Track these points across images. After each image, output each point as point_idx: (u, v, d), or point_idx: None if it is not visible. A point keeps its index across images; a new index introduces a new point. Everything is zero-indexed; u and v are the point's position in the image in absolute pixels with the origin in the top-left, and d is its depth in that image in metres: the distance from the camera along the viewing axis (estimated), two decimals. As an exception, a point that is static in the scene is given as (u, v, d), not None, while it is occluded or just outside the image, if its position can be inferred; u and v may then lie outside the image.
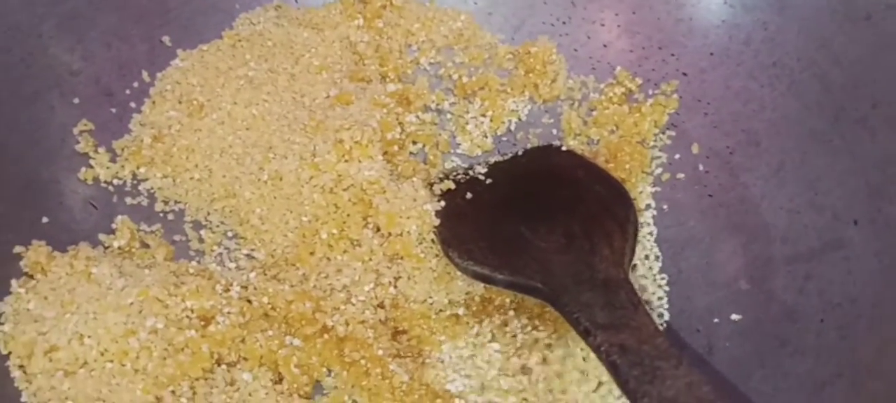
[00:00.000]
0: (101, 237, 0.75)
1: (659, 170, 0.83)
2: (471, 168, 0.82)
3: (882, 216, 0.70)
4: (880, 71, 0.74)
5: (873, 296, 0.68)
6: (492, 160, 0.83)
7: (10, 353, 0.65)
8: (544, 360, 0.71)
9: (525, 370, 0.71)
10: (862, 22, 0.75)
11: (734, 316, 0.73)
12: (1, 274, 0.69)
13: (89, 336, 0.65)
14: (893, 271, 0.68)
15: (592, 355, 0.69)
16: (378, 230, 0.75)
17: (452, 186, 0.78)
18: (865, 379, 0.65)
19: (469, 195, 0.78)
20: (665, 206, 0.81)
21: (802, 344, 0.69)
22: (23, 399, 0.64)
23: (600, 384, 0.70)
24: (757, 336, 0.72)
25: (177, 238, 0.78)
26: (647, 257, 0.78)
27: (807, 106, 0.78)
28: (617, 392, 0.69)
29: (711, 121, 0.83)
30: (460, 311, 0.74)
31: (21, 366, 0.65)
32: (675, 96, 0.85)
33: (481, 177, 0.80)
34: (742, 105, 0.82)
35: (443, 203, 0.76)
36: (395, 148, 0.81)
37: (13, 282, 0.69)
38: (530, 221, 0.74)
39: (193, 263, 0.76)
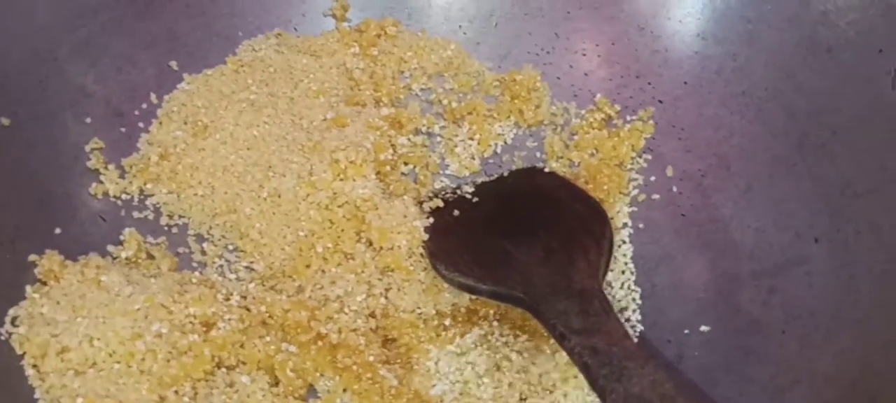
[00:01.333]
0: (110, 248, 0.77)
1: (635, 192, 0.85)
2: (458, 187, 0.84)
3: (841, 235, 0.73)
4: (840, 101, 0.77)
5: (831, 309, 0.71)
6: (479, 181, 0.86)
7: (25, 353, 0.67)
8: (524, 368, 0.73)
9: (506, 376, 0.73)
10: (824, 55, 0.78)
11: (703, 328, 0.75)
12: (17, 280, 0.70)
13: (99, 339, 0.66)
14: (850, 286, 0.70)
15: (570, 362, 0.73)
16: (370, 244, 0.77)
17: (441, 204, 0.80)
18: (822, 386, 0.67)
19: (456, 212, 0.80)
20: (641, 225, 0.83)
21: (765, 353, 0.72)
22: (36, 396, 0.66)
23: (577, 390, 0.72)
24: (724, 345, 0.74)
25: (180, 250, 0.80)
26: (622, 272, 0.80)
27: (773, 133, 0.81)
28: (592, 398, 0.73)
29: (685, 146, 0.86)
30: (447, 321, 0.75)
31: (35, 365, 0.67)
32: (651, 122, 0.88)
33: (468, 196, 0.82)
34: (713, 131, 0.84)
35: (432, 219, 0.79)
36: (388, 168, 0.83)
37: (28, 288, 0.70)
38: (513, 237, 0.76)
39: (196, 274, 0.77)
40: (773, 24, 0.83)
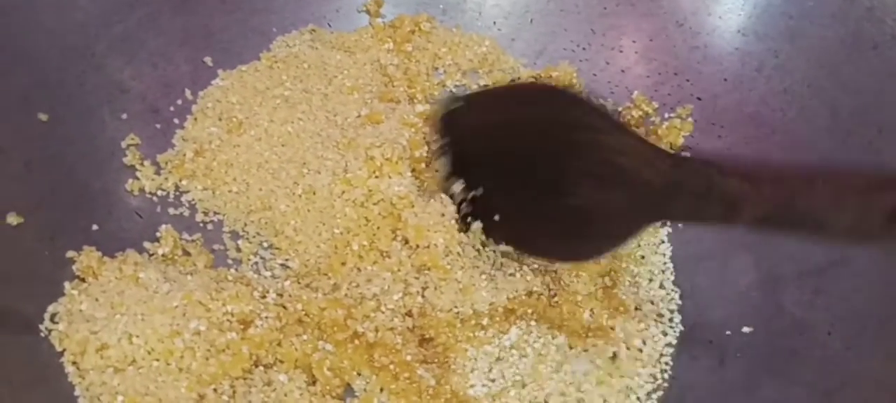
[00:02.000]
0: (146, 244, 0.77)
1: (674, 190, 0.85)
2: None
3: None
4: (886, 98, 0.76)
5: (879, 311, 0.69)
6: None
7: (64, 350, 0.68)
8: (562, 369, 0.73)
9: (544, 377, 0.73)
10: (869, 51, 0.77)
11: (745, 329, 0.74)
12: (55, 276, 0.71)
13: (137, 336, 0.67)
14: (897, 287, 0.69)
15: (611, 363, 0.73)
16: (406, 242, 0.77)
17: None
18: (870, 390, 0.66)
19: (496, 217, 0.77)
20: (680, 224, 0.82)
21: (810, 355, 0.70)
22: (76, 393, 0.66)
23: (616, 392, 0.72)
24: (767, 347, 0.73)
25: (216, 247, 0.80)
26: (662, 272, 0.80)
27: (816, 130, 0.79)
28: (636, 396, 0.72)
29: (725, 144, 0.85)
30: (484, 320, 0.75)
31: (74, 363, 0.67)
32: (689, 120, 0.87)
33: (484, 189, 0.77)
34: (754, 129, 0.83)
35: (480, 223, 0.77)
36: (423, 165, 0.82)
37: (66, 285, 0.71)
38: (565, 197, 0.73)
39: (232, 271, 0.78)
40: (815, 20, 0.82)
